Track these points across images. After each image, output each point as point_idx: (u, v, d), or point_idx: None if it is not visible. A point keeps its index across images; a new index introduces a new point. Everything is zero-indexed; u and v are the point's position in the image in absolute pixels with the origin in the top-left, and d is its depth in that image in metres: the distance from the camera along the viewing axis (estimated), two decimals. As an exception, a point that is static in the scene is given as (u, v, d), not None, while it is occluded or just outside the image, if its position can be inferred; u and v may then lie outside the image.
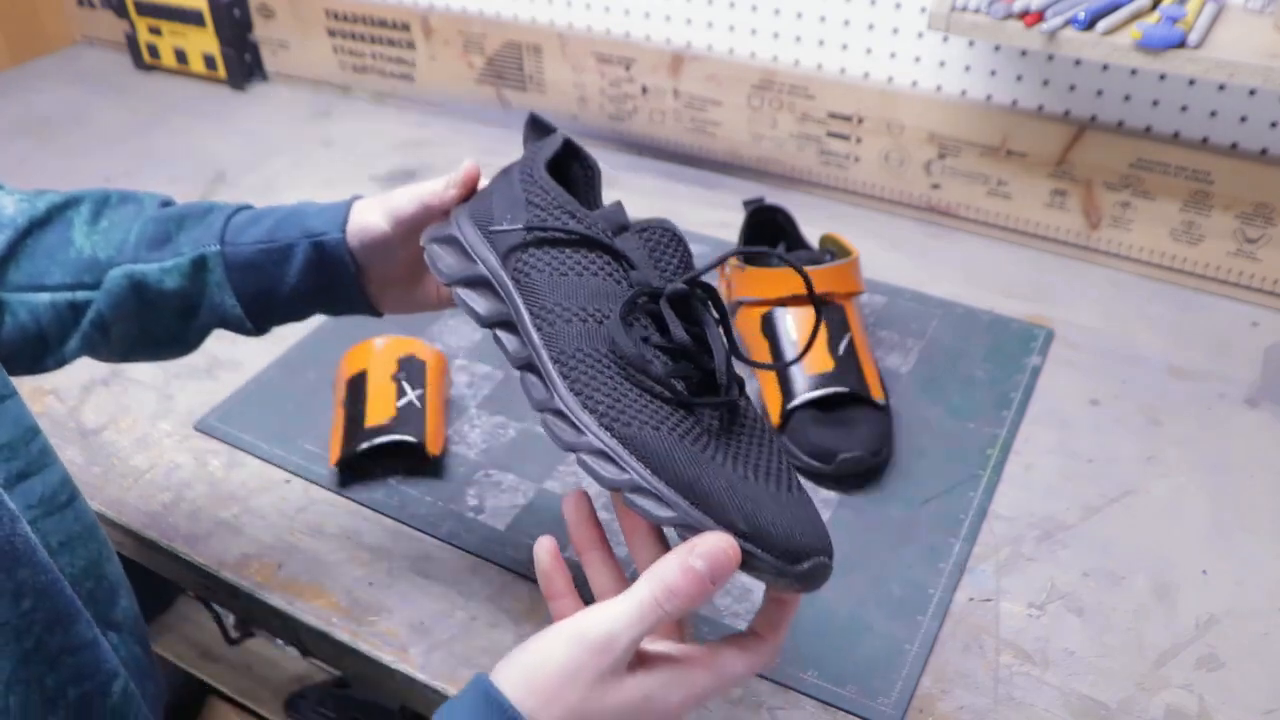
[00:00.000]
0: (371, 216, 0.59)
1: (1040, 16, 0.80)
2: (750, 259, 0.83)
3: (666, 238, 0.51)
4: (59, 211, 0.60)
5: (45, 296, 0.59)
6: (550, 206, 0.51)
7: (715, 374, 0.47)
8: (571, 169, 0.59)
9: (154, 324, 0.61)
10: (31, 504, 0.52)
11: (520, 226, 0.51)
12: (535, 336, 0.49)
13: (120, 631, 0.58)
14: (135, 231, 0.60)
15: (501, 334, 0.51)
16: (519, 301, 0.50)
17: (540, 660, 0.43)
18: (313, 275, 0.60)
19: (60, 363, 0.62)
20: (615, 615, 0.43)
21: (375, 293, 0.63)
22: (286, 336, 0.93)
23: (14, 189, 0.63)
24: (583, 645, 0.42)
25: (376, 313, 0.64)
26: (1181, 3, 0.81)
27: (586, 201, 0.58)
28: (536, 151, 0.56)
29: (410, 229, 0.59)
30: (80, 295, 0.59)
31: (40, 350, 0.61)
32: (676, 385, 0.46)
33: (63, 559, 0.54)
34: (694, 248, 1.04)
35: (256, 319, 0.61)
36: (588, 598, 0.49)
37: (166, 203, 0.64)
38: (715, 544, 0.42)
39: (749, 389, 0.85)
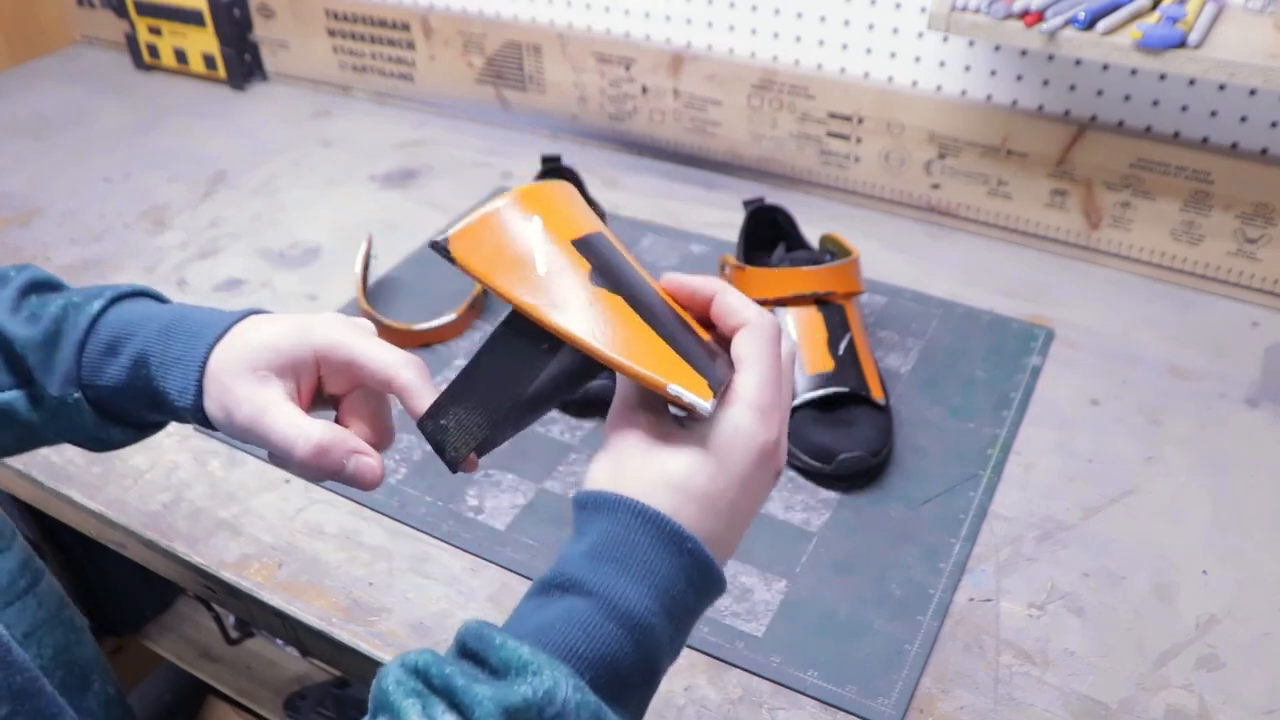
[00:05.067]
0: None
1: (1040, 16, 0.80)
2: (750, 259, 0.83)
3: None
4: None
5: None
6: None
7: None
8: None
9: (47, 436, 0.51)
10: None
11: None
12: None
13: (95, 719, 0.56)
14: None
15: None
16: None
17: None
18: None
19: None
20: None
21: None
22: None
23: None
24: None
25: None
26: (1181, 2, 0.81)
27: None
28: None
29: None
30: None
31: None
32: None
33: (30, 650, 0.51)
34: (694, 248, 1.04)
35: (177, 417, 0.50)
36: None
37: (34, 283, 0.51)
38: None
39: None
